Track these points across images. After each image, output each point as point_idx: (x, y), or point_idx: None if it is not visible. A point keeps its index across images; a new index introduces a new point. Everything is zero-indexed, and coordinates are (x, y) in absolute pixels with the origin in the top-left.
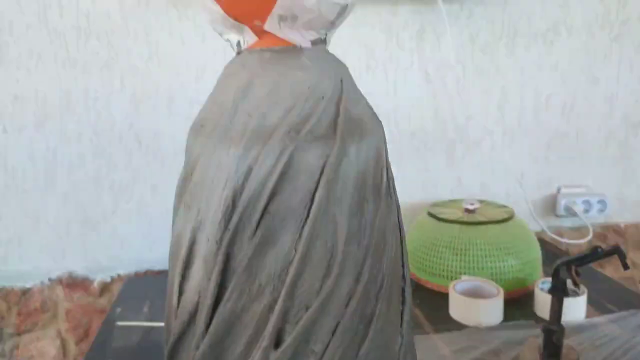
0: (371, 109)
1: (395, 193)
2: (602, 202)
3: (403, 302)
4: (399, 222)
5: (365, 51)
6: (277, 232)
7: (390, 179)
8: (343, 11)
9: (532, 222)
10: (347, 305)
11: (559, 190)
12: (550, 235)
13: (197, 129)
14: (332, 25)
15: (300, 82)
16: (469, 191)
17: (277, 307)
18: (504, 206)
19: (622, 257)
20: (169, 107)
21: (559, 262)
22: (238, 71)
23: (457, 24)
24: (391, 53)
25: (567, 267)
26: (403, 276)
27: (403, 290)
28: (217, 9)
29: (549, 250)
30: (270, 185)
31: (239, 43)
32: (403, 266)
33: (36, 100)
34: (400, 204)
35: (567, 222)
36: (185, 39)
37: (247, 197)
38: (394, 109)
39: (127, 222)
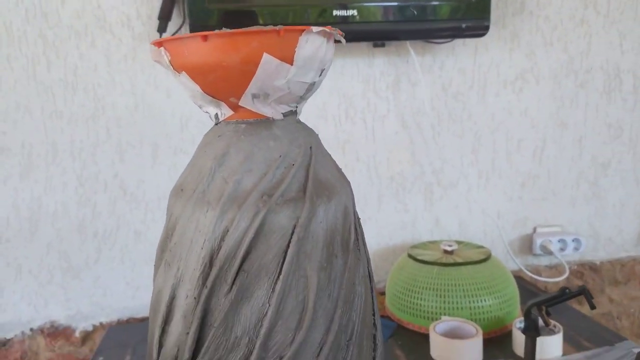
0: (339, 170)
1: (365, 246)
2: (576, 240)
3: (375, 348)
4: (369, 272)
5: (344, 100)
6: (251, 287)
7: (359, 233)
8: (311, 87)
9: (510, 262)
10: (318, 354)
11: (534, 229)
12: (528, 274)
13: (178, 192)
14: (302, 99)
15: (272, 150)
16: (447, 231)
17: (252, 358)
18: (481, 247)
19: (589, 298)
20: (153, 156)
21: (529, 303)
22: (215, 140)
23: (430, 73)
24: (369, 101)
25: (537, 307)
26: (374, 323)
27: (374, 337)
28: (197, 87)
29: (527, 289)
30: (245, 245)
31: (216, 115)
32: (374, 314)
33: (22, 150)
34: (381, 245)
35: (544, 261)
36: (171, 92)
37: (224, 256)
38: (373, 154)
39: (110, 270)
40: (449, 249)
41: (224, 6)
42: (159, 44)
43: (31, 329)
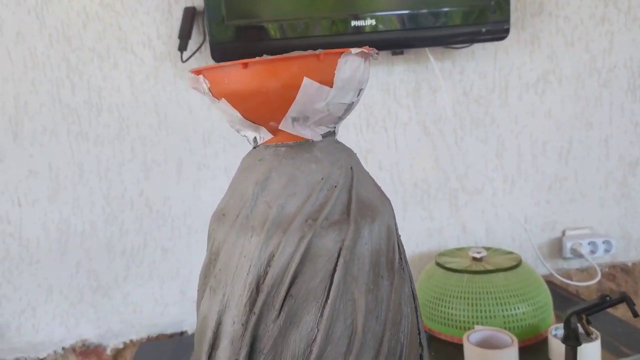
0: (379, 189)
1: (407, 264)
2: (607, 242)
3: None
4: (412, 291)
5: (365, 109)
6: (299, 313)
7: (402, 252)
8: (349, 107)
9: (540, 266)
10: None
11: (563, 232)
12: (559, 278)
13: (219, 217)
14: (340, 119)
15: (314, 173)
16: (474, 238)
17: None
18: (511, 252)
19: (631, 305)
20: (178, 173)
21: (569, 312)
22: (256, 165)
23: (450, 79)
24: (389, 109)
25: (577, 316)
26: (420, 343)
27: (421, 357)
28: (236, 113)
29: (559, 293)
30: (291, 269)
31: (255, 139)
32: (419, 333)
33: (49, 173)
34: (408, 253)
35: (575, 264)
36: (193, 108)
37: (271, 282)
38: (396, 162)
39: (139, 287)
40: (477, 255)
41: (242, 22)
42: (197, 72)
43: (63, 348)
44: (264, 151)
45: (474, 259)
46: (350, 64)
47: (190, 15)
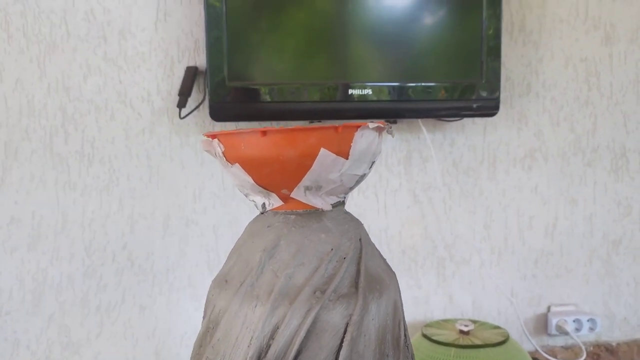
0: (385, 262)
1: (410, 343)
2: (592, 320)
3: None
4: None
5: None
6: None
7: (406, 329)
8: (361, 179)
9: (526, 342)
10: None
11: (549, 308)
12: (544, 356)
13: (221, 283)
14: (351, 190)
15: (323, 243)
16: (461, 309)
17: None
18: (498, 327)
19: None
20: (164, 228)
21: None
22: (264, 231)
23: (441, 150)
24: (381, 176)
25: None
26: None
27: None
28: (249, 179)
29: None
30: (296, 344)
31: (264, 205)
32: None
33: (32, 221)
34: None
35: (560, 342)
36: (185, 163)
37: (273, 357)
38: (385, 229)
39: (112, 346)
40: (465, 329)
41: (242, 84)
42: (212, 136)
43: None
44: (272, 218)
45: (461, 332)
46: (366, 137)
47: (192, 74)
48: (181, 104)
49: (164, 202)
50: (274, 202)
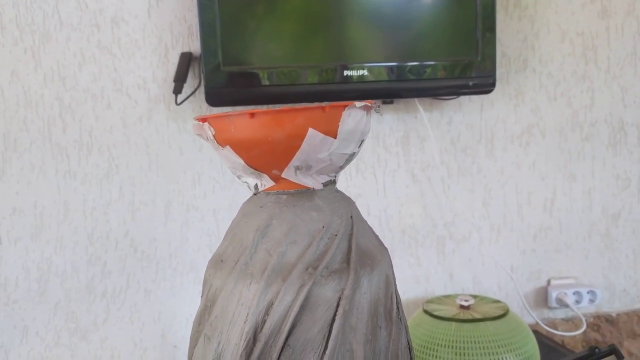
0: (377, 238)
1: (404, 314)
2: (592, 292)
3: None
4: (408, 342)
5: None
6: None
7: (399, 302)
8: (351, 157)
9: (526, 315)
10: None
11: (549, 282)
12: (545, 328)
13: (217, 263)
14: (341, 169)
15: (315, 221)
16: (461, 285)
17: None
18: (498, 301)
19: (620, 358)
20: (165, 214)
21: None
22: (257, 211)
23: (438, 128)
24: (379, 156)
25: None
26: None
27: None
28: (240, 160)
29: (545, 343)
30: (290, 318)
31: (256, 185)
32: None
33: (34, 211)
34: None
35: (560, 314)
36: (184, 149)
37: (269, 331)
38: (384, 208)
39: (119, 330)
40: (465, 304)
41: (236, 68)
42: (203, 119)
43: None
44: (265, 198)
45: (462, 307)
46: (353, 117)
47: (186, 60)
48: (177, 90)
49: (164, 188)
50: (266, 182)
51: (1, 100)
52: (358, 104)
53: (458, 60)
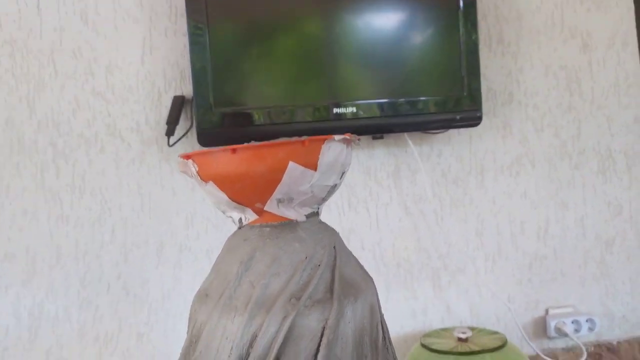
0: (362, 267)
1: (391, 344)
2: (590, 320)
3: None
4: None
5: (347, 190)
6: None
7: (385, 331)
8: (332, 189)
9: (526, 346)
10: None
11: (547, 311)
12: (545, 359)
13: (202, 298)
14: (323, 200)
15: (298, 252)
16: (459, 317)
17: None
18: (496, 332)
19: None
20: (158, 255)
21: None
22: (240, 245)
23: (429, 162)
24: (371, 190)
25: None
26: None
27: None
28: (223, 195)
29: None
30: (274, 350)
31: (240, 219)
32: None
33: (26, 257)
34: (392, 335)
35: (560, 344)
36: (176, 190)
37: None
38: (378, 242)
39: None
40: (463, 336)
41: (228, 109)
42: (187, 156)
43: None
44: (249, 231)
45: (460, 339)
46: (333, 150)
47: (178, 103)
48: (169, 132)
49: (157, 229)
50: (249, 216)
51: None
52: (337, 137)
53: (445, 96)
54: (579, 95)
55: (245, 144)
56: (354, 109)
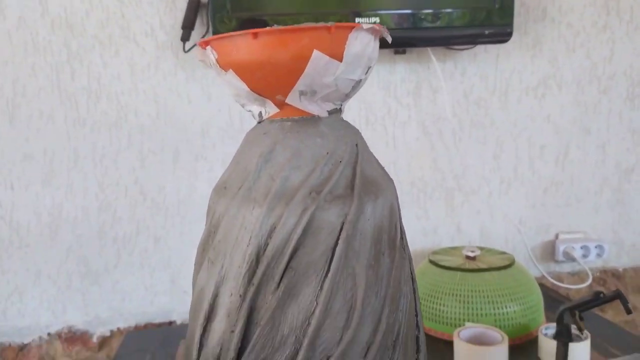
0: (383, 168)
1: (407, 245)
2: (599, 247)
3: (418, 350)
4: (411, 272)
5: (364, 106)
6: (299, 285)
7: (403, 232)
8: (357, 85)
9: (533, 268)
10: (366, 354)
11: (557, 236)
12: (551, 281)
13: (221, 190)
14: (347, 97)
15: (319, 147)
16: (469, 238)
17: (299, 358)
18: (504, 253)
19: (624, 302)
20: (174, 162)
21: (562, 307)
22: (260, 138)
23: (451, 80)
24: (389, 108)
25: (570, 312)
26: (417, 325)
27: (417, 339)
28: (243, 85)
29: (550, 295)
30: (292, 242)
31: (260, 113)
32: (417, 315)
33: (44, 158)
34: None
35: (566, 268)
36: (192, 99)
37: (271, 254)
38: (394, 161)
39: (129, 275)
40: (471, 254)
41: (245, 15)
42: (205, 43)
43: (49, 334)
44: (269, 125)
45: (468, 257)
46: (360, 40)
47: (194, 6)
48: (185, 37)
49: (173, 137)
50: (270, 109)
51: (9, 46)
52: (365, 26)
53: (474, 8)
54: (616, 14)
55: (268, 28)
56: (377, 19)
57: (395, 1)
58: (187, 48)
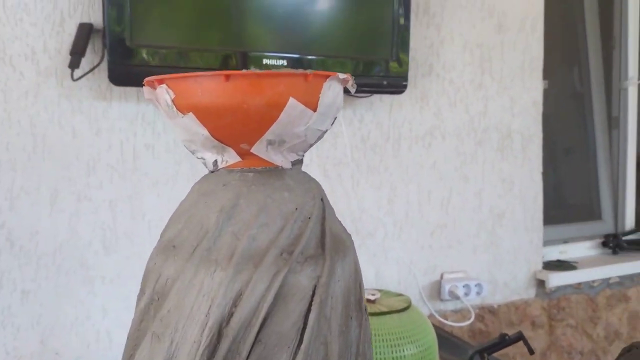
0: (341, 223)
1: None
2: (478, 285)
3: None
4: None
5: None
6: None
7: (363, 291)
8: (322, 135)
9: (422, 307)
10: None
11: (442, 276)
12: (438, 319)
13: (168, 249)
14: (310, 147)
15: (287, 202)
16: (365, 281)
17: None
18: (401, 294)
19: (527, 343)
20: (51, 204)
21: (472, 351)
22: (218, 190)
23: (351, 126)
24: None
25: (480, 355)
26: None
27: None
28: (203, 131)
29: (439, 334)
30: (263, 310)
31: (215, 162)
32: None
33: None
34: None
35: (450, 305)
36: (78, 132)
37: (237, 325)
38: None
39: None
40: (372, 298)
41: (147, 45)
42: (160, 80)
43: None
44: (227, 176)
45: (369, 300)
46: (333, 89)
47: (85, 32)
48: (74, 65)
49: (51, 175)
50: (229, 158)
51: None
52: (340, 75)
53: (372, 58)
54: (489, 74)
55: (241, 71)
56: (284, 62)
57: (285, 45)
58: (76, 76)
